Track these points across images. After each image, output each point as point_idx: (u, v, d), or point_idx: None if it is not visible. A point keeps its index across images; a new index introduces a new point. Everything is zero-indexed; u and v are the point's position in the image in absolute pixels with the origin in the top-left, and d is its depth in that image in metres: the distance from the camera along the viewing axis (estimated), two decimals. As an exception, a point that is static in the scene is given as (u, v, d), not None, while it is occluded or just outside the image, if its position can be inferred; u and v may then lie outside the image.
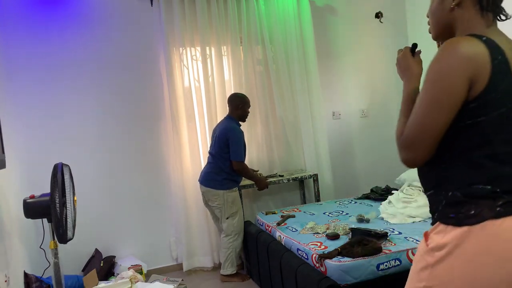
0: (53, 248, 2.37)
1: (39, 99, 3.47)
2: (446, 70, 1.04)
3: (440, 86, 1.05)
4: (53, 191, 2.17)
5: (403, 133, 1.12)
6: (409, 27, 4.65)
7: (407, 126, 1.11)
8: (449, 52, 1.05)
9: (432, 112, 1.06)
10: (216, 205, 3.40)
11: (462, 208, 1.06)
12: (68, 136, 3.55)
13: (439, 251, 1.07)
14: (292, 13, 4.08)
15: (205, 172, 3.49)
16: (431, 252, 1.09)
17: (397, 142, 1.15)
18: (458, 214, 1.06)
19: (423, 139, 1.08)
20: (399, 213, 2.99)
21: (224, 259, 3.45)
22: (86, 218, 3.46)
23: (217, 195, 3.38)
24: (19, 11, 3.41)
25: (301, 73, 4.11)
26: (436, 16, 1.21)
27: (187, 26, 3.76)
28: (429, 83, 1.07)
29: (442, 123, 1.07)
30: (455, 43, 1.06)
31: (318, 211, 3.47)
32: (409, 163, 1.13)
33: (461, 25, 1.15)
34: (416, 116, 1.09)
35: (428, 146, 1.09)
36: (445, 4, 1.17)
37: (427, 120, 1.07)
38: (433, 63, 1.08)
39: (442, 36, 1.22)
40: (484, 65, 1.04)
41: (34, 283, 2.84)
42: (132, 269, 3.15)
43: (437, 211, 1.15)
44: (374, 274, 2.25)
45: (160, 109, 3.81)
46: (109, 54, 3.67)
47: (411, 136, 1.09)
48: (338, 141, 4.45)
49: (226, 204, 3.38)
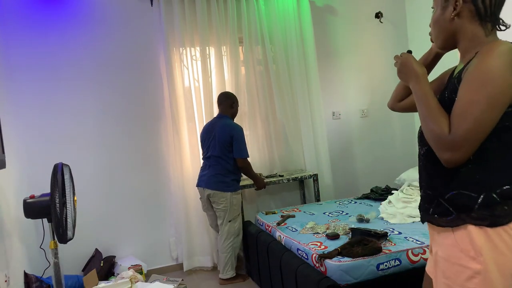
0: (53, 248, 2.37)
1: (39, 99, 3.48)
2: (498, 71, 1.06)
3: (495, 85, 1.06)
4: (53, 191, 2.17)
5: (452, 131, 1.10)
6: (409, 27, 4.65)
7: (458, 124, 1.09)
8: (497, 55, 1.07)
9: (488, 111, 1.07)
10: (221, 207, 3.36)
11: (496, 210, 1.10)
12: (68, 136, 3.55)
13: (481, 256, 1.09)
14: (292, 13, 4.08)
15: (209, 175, 3.39)
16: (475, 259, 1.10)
17: (441, 141, 1.12)
18: (492, 216, 1.10)
19: (478, 137, 1.09)
20: (399, 213, 2.99)
21: (223, 264, 3.42)
22: (86, 218, 3.46)
23: (224, 197, 3.34)
24: (19, 11, 3.41)
25: (301, 73, 4.11)
26: (438, 26, 1.26)
27: (187, 26, 3.76)
28: (482, 82, 1.08)
29: (495, 122, 1.09)
30: (501, 45, 1.09)
31: (318, 211, 3.47)
32: (454, 163, 1.12)
33: (463, 34, 1.21)
34: (471, 114, 1.08)
35: (478, 145, 1.10)
36: (446, 14, 1.22)
37: (484, 117, 1.07)
38: (480, 65, 1.10)
39: (447, 45, 1.28)
40: None
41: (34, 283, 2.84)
42: (132, 269, 3.15)
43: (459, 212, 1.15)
44: (374, 274, 2.25)
45: (160, 109, 3.81)
46: (109, 54, 3.67)
47: (467, 133, 1.08)
48: (338, 141, 4.45)
49: (230, 207, 3.36)
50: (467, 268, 1.11)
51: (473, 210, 1.12)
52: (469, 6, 1.17)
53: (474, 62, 1.12)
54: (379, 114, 4.57)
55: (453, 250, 1.15)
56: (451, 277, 1.15)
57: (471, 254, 1.10)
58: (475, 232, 1.11)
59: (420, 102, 1.20)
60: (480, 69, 1.09)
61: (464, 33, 1.20)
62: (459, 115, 1.10)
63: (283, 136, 4.13)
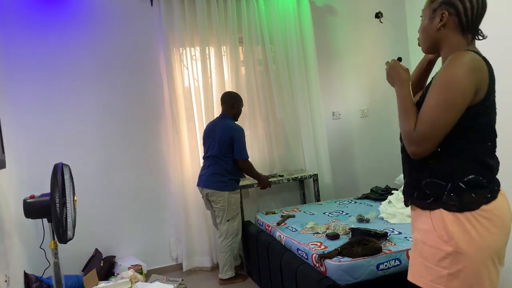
0: (53, 248, 2.37)
1: (39, 99, 3.48)
2: (459, 77, 1.24)
3: (455, 89, 1.25)
4: (53, 191, 2.17)
5: (416, 129, 1.29)
6: (409, 27, 4.65)
7: (420, 122, 1.29)
8: (460, 63, 1.26)
9: (447, 111, 1.26)
10: (219, 206, 3.37)
11: (464, 197, 1.29)
12: (68, 136, 3.55)
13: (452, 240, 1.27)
14: (292, 13, 4.08)
15: (208, 174, 3.41)
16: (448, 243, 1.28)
17: (408, 137, 1.32)
18: (461, 202, 1.29)
19: (436, 134, 1.28)
20: (399, 213, 2.99)
21: (222, 264, 3.43)
22: (86, 218, 3.46)
23: (222, 196, 3.35)
24: (19, 11, 3.41)
25: (301, 73, 4.11)
26: (426, 33, 1.44)
27: (187, 26, 3.76)
28: (442, 87, 1.27)
29: (453, 122, 1.27)
30: (464, 55, 1.27)
31: (318, 211, 3.47)
32: (418, 155, 1.32)
33: (446, 42, 1.39)
34: (431, 114, 1.27)
35: (438, 141, 1.29)
36: (434, 24, 1.39)
37: (441, 117, 1.26)
38: (445, 71, 1.28)
39: (431, 50, 1.47)
40: (485, 76, 1.28)
41: (34, 283, 2.84)
42: (132, 269, 3.15)
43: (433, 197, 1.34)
44: (374, 274, 2.25)
45: (160, 109, 3.81)
46: (109, 54, 3.67)
47: (426, 131, 1.28)
48: (338, 141, 4.45)
49: (228, 206, 3.36)
50: (441, 250, 1.30)
51: (443, 197, 1.32)
52: (453, 18, 1.35)
53: (440, 70, 1.32)
54: (379, 114, 4.57)
55: (430, 235, 1.34)
56: (428, 258, 1.35)
57: (445, 238, 1.29)
58: (448, 219, 1.29)
59: (399, 103, 1.39)
60: (442, 76, 1.29)
61: (447, 42, 1.38)
62: (421, 115, 1.30)
63: (283, 136, 4.13)
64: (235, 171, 3.42)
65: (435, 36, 1.40)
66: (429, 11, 1.41)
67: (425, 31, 1.43)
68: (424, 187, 1.38)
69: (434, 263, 1.32)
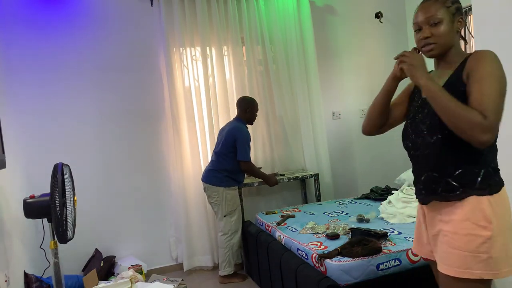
0: (53, 248, 2.37)
1: (39, 99, 3.47)
2: (502, 69, 1.36)
3: (504, 79, 1.36)
4: (53, 191, 2.17)
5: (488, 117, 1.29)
6: (409, 27, 4.64)
7: (489, 111, 1.30)
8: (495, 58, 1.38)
9: (503, 98, 1.35)
10: (214, 201, 3.45)
11: (491, 180, 1.40)
12: (68, 136, 3.56)
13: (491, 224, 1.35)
14: (292, 13, 4.08)
15: (208, 169, 3.53)
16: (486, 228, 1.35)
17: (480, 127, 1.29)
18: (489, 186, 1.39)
19: (500, 121, 1.35)
20: (399, 213, 2.99)
21: (222, 259, 3.47)
22: (86, 218, 3.46)
23: (216, 192, 3.42)
24: (19, 12, 3.41)
25: (301, 73, 4.11)
26: (447, 38, 1.46)
27: (187, 26, 3.76)
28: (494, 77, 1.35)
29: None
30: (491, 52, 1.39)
31: (318, 211, 3.47)
32: (489, 142, 1.32)
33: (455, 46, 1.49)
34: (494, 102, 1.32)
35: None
36: (454, 28, 1.47)
37: (502, 104, 1.34)
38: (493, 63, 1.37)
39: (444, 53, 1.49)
40: None
41: (34, 283, 2.84)
42: (132, 269, 3.14)
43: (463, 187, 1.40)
44: (374, 274, 2.25)
45: (160, 109, 3.81)
46: (109, 54, 3.67)
47: (498, 118, 1.33)
48: (338, 141, 4.45)
49: (224, 202, 3.41)
50: (478, 236, 1.35)
51: (475, 183, 1.39)
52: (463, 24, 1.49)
53: (477, 66, 1.38)
54: (379, 114, 4.56)
55: (463, 224, 1.38)
56: (462, 246, 1.38)
57: (481, 224, 1.35)
58: (484, 204, 1.36)
59: (440, 98, 1.35)
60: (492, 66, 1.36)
61: (457, 45, 1.49)
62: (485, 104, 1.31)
63: (283, 136, 4.13)
64: (234, 170, 3.45)
65: (452, 40, 1.47)
66: (448, 16, 1.44)
67: (448, 35, 1.46)
68: (455, 178, 1.41)
69: (472, 250, 1.35)
